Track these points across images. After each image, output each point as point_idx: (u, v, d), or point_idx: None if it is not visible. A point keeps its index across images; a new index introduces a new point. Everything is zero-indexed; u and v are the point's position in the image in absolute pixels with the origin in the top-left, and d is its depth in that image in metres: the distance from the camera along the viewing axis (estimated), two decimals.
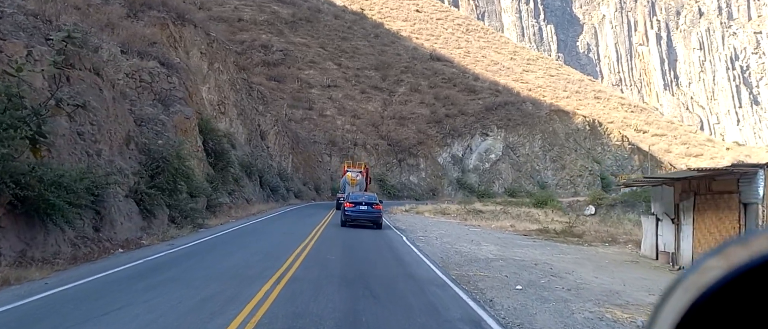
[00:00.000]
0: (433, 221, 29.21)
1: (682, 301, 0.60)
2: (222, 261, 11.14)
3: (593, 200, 53.91)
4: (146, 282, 8.71)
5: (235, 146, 37.74)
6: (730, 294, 0.58)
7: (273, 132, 47.25)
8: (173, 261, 11.09)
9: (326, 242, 16.08)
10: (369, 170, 46.45)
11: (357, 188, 36.14)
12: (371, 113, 70.13)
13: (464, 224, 28.51)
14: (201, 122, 28.98)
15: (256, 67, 70.89)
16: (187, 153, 21.87)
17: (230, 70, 39.50)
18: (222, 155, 29.47)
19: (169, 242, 14.38)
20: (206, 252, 12.78)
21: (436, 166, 66.75)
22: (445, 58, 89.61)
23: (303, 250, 13.67)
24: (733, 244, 0.61)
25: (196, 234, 17.17)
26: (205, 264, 10.85)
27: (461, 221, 30.57)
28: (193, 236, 16.34)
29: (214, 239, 15.75)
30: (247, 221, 24.53)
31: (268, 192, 40.54)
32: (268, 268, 10.50)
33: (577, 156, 71.17)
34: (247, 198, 33.96)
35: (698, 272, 0.61)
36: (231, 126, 38.45)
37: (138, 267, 10.34)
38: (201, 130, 28.46)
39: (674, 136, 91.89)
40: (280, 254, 12.64)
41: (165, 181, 17.35)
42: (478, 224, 27.76)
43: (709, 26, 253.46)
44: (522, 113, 72.49)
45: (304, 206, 40.72)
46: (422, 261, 13.27)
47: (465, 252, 15.50)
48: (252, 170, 37.22)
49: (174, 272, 9.95)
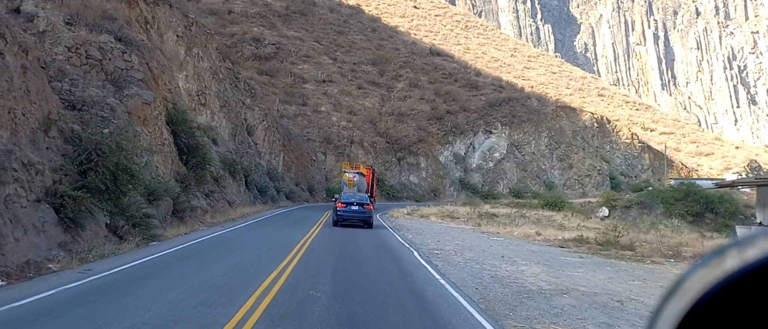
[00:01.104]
0: (443, 228, 24.83)
1: (681, 304, 0.59)
2: (128, 316, 6.60)
3: (606, 202, 49.67)
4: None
5: (217, 141, 33.28)
6: (729, 297, 0.57)
7: (262, 128, 42.77)
8: (34, 319, 6.56)
9: (312, 263, 11.66)
10: (375, 172, 44.08)
11: (355, 189, 34.40)
12: (368, 109, 65.73)
13: (480, 231, 24.14)
14: (173, 111, 24.51)
15: (247, 61, 66.42)
16: (143, 146, 17.42)
17: (212, 57, 35.02)
18: (197, 150, 25.00)
19: (86, 268, 9.89)
20: (119, 289, 8.25)
21: (438, 165, 62.40)
22: (446, 53, 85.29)
23: (277, 279, 9.24)
24: (732, 247, 0.60)
25: (141, 251, 12.72)
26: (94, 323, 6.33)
27: (474, 226, 26.20)
28: (133, 255, 11.88)
29: (155, 261, 11.25)
30: (223, 228, 20.09)
31: (255, 193, 36.07)
32: (206, 326, 6.11)
33: (585, 155, 66.95)
34: (230, 200, 29.50)
35: (698, 274, 0.60)
36: (213, 119, 33.98)
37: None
38: (172, 121, 24.01)
39: (682, 134, 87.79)
40: (238, 289, 8.20)
41: (100, 180, 12.87)
42: (497, 232, 23.38)
43: (706, 26, 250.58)
44: (527, 109, 68.23)
45: (294, 209, 36.28)
46: (452, 297, 8.83)
47: (503, 276, 11.12)
48: (236, 168, 32.74)
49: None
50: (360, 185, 35.92)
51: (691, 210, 43.27)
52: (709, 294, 0.57)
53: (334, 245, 15.66)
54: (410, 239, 18.40)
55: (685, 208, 43.49)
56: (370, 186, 41.19)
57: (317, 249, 14.52)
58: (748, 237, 0.60)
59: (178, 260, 11.56)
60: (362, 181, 37.42)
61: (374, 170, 44.73)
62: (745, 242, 0.59)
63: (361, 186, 35.94)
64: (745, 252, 0.57)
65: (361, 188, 35.83)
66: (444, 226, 25.93)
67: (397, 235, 20.06)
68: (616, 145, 70.20)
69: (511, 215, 30.31)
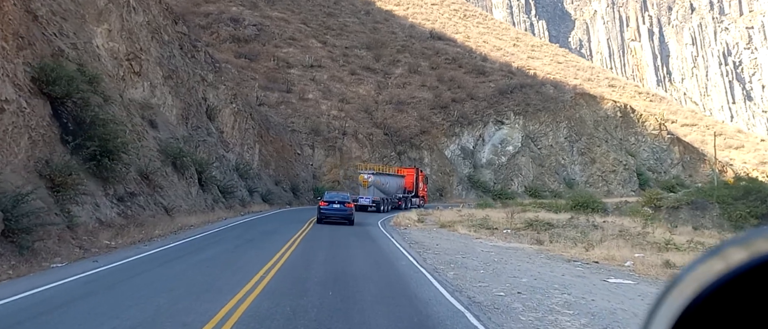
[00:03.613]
0: (486, 248, 15.30)
1: (677, 303, 0.57)
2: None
3: (649, 202, 40.48)
4: None
5: (157, 123, 23.57)
6: (727, 296, 0.55)
7: (230, 112, 33.02)
8: None
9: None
10: (421, 171, 42.50)
11: (371, 189, 32.74)
12: (363, 97, 56.10)
13: (546, 253, 14.65)
14: (54, 68, 14.76)
15: (223, 43, 56.65)
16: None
17: (152, 12, 25.23)
18: (93, 126, 15.31)
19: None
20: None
21: (443, 160, 52.88)
22: (447, 37, 75.79)
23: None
24: (729, 245, 0.59)
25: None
26: None
27: (533, 244, 16.70)
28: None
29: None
30: (114, 259, 10.58)
31: (215, 195, 26.39)
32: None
33: (609, 148, 57.66)
34: (169, 206, 19.83)
35: (694, 273, 0.58)
36: (152, 94, 24.23)
37: None
38: (48, 81, 14.31)
39: (705, 126, 78.74)
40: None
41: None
42: (584, 257, 13.89)
43: (701, 21, 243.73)
44: (542, 96, 58.85)
45: (268, 215, 26.62)
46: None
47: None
48: (183, 161, 23.09)
49: None
50: (375, 185, 33.09)
51: (756, 211, 34.92)
52: (705, 294, 0.55)
53: (304, 312, 6.15)
54: (460, 287, 8.90)
55: (746, 208, 34.99)
56: (414, 186, 39.23)
57: None
58: (744, 236, 0.58)
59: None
60: (392, 182, 35.72)
61: (419, 170, 42.45)
62: (741, 241, 0.58)
63: (378, 186, 33.37)
64: (741, 251, 0.56)
65: (381, 188, 33.76)
66: (488, 244, 16.35)
67: (426, 270, 10.59)
68: (641, 137, 60.96)
69: (570, 225, 20.81)
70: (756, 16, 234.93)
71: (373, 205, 32.15)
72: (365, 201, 32.00)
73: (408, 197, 37.83)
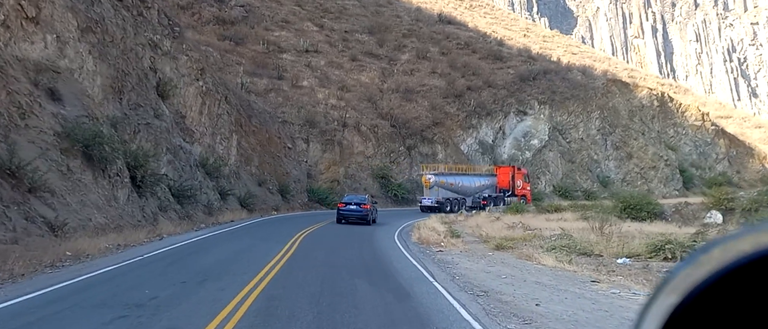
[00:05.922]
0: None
1: (668, 301, 0.56)
2: None
3: (717, 203, 32.33)
4: None
5: (62, 94, 15.32)
6: (717, 294, 0.54)
7: (195, 91, 24.71)
8: None
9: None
10: (517, 169, 40.15)
11: (434, 190, 33.25)
12: (366, 85, 47.87)
13: None
14: None
15: (206, 25, 48.47)
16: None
17: None
18: None
19: None
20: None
21: (459, 155, 44.64)
22: (457, 21, 67.61)
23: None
24: (719, 243, 0.58)
25: None
26: None
27: None
28: None
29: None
30: None
31: (164, 201, 18.13)
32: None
33: (647, 141, 49.42)
34: (57, 223, 11.49)
35: (685, 271, 0.57)
36: (61, 54, 15.95)
37: None
38: None
39: (742, 118, 70.65)
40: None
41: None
42: None
43: (705, 18, 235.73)
44: (570, 84, 50.59)
45: (233, 232, 18.15)
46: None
47: None
48: (103, 152, 14.83)
49: None
50: (437, 185, 33.28)
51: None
52: (696, 291, 0.55)
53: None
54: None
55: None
56: (511, 184, 37.95)
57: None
58: (735, 234, 0.57)
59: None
60: (471, 181, 35.81)
61: (517, 167, 40.36)
62: (732, 239, 0.57)
63: (440, 186, 33.40)
64: (731, 249, 0.55)
65: (463, 189, 34.63)
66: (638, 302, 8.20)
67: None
68: (682, 129, 52.74)
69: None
70: (761, 12, 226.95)
71: (436, 205, 32.72)
72: (427, 202, 33.09)
73: (501, 197, 37.35)
